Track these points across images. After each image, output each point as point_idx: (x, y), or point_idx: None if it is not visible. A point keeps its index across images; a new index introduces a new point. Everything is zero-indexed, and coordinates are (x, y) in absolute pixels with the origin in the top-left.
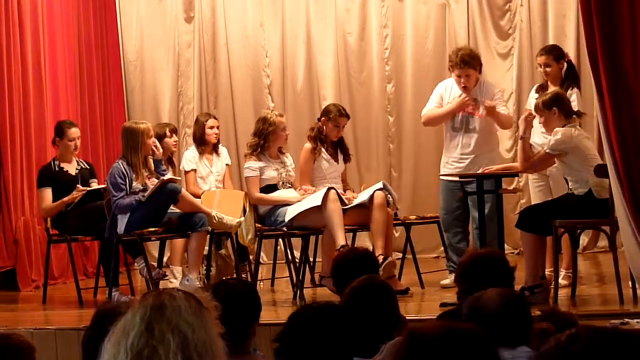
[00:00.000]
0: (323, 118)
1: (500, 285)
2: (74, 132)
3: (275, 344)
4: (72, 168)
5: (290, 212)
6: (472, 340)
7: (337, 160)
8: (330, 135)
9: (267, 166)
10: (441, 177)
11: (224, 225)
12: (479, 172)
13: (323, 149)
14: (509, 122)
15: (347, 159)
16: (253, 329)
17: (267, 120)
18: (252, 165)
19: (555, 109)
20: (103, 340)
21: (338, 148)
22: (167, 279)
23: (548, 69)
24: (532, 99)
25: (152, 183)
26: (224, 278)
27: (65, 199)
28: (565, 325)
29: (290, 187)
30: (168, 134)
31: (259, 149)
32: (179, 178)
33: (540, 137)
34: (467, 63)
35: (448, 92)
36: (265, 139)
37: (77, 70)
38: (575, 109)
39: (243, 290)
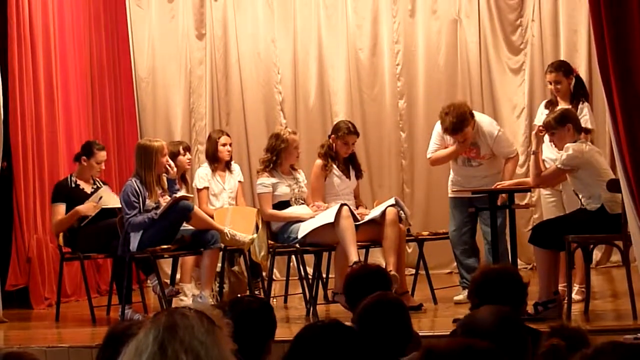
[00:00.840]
0: (333, 135)
1: (513, 301)
2: (103, 155)
3: None
4: (88, 187)
5: (303, 229)
6: (488, 357)
7: (349, 177)
8: (340, 152)
9: (279, 182)
10: (452, 194)
11: (237, 242)
12: (492, 187)
13: (334, 166)
14: (517, 159)
15: (359, 175)
16: (268, 347)
17: (280, 137)
18: (264, 182)
19: (570, 125)
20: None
21: (350, 164)
22: (179, 297)
23: (559, 86)
24: (541, 115)
25: (165, 201)
26: (239, 295)
27: (80, 207)
28: (576, 340)
29: (302, 204)
30: (181, 151)
31: (271, 165)
32: (192, 195)
33: (553, 153)
34: (458, 130)
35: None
36: (278, 156)
37: (89, 88)
38: (587, 123)
39: (259, 308)
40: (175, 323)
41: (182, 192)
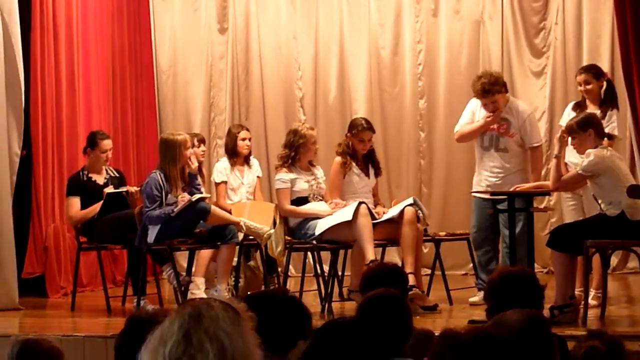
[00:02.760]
0: (349, 133)
1: (530, 304)
2: (107, 144)
3: None
4: (100, 178)
5: (320, 226)
6: (503, 346)
7: (367, 175)
8: (357, 149)
9: (298, 178)
10: (473, 194)
11: (254, 232)
12: (511, 190)
13: (354, 164)
14: (541, 151)
15: (378, 173)
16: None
17: (298, 132)
18: (283, 177)
19: (592, 130)
20: (135, 346)
21: (369, 162)
22: (190, 290)
23: (589, 87)
24: (567, 116)
25: (183, 198)
26: (264, 288)
27: (94, 206)
28: (613, 347)
29: (321, 200)
30: (196, 144)
31: (290, 161)
32: (209, 195)
33: (576, 157)
34: (489, 92)
35: (479, 108)
36: (296, 151)
37: (110, 80)
38: (615, 130)
39: (286, 301)
40: (201, 313)
41: (201, 191)
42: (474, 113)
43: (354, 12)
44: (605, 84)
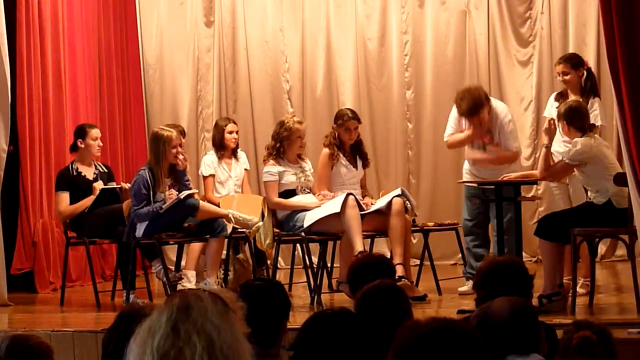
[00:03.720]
0: (335, 124)
1: (519, 293)
2: (96, 132)
3: (290, 352)
4: (90, 172)
5: (309, 218)
6: (462, 336)
7: (355, 166)
8: (344, 140)
9: (286, 171)
10: (463, 183)
11: (242, 224)
12: (498, 179)
13: (341, 155)
14: (515, 158)
15: (365, 164)
16: (284, 327)
17: (284, 125)
18: (271, 170)
19: (564, 122)
20: (124, 342)
21: (357, 154)
22: (181, 283)
23: (566, 77)
24: (550, 107)
25: (170, 195)
26: (250, 279)
27: (84, 201)
28: (601, 335)
29: (309, 193)
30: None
31: (275, 153)
32: (196, 191)
33: (561, 146)
34: (474, 113)
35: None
36: (281, 143)
37: (97, 75)
38: (597, 119)
39: (270, 290)
40: (189, 304)
41: (190, 188)
42: (459, 121)
43: (340, 3)
44: (585, 72)
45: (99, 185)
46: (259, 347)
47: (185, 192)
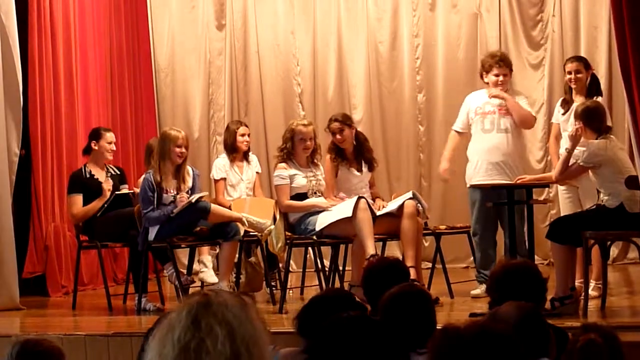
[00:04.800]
0: (327, 130)
1: (532, 296)
2: (111, 136)
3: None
4: (102, 175)
5: (320, 222)
6: (504, 342)
7: (360, 171)
8: (340, 145)
9: (297, 174)
10: (474, 185)
11: (257, 227)
12: (512, 182)
13: (343, 161)
14: (529, 119)
15: (372, 167)
16: None
17: (289, 127)
18: (282, 174)
19: (582, 123)
20: None
21: (361, 158)
22: (200, 269)
23: (579, 75)
24: (557, 113)
25: (182, 198)
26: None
27: (95, 202)
28: (609, 339)
29: (320, 196)
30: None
31: (286, 155)
32: (206, 193)
33: (567, 143)
34: (506, 61)
35: (474, 103)
36: (287, 146)
37: (109, 78)
38: None
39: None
40: (209, 299)
41: (201, 193)
42: (468, 113)
43: (351, 7)
44: (590, 77)
45: (107, 184)
46: None
47: (196, 196)
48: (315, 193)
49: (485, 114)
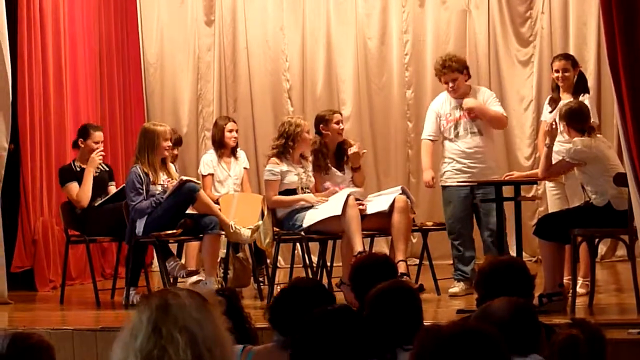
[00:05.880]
0: (321, 125)
1: (520, 293)
2: (99, 135)
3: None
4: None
5: (309, 219)
6: (485, 340)
7: (342, 171)
8: (335, 137)
9: (288, 171)
10: (455, 184)
11: (239, 237)
12: (501, 179)
13: (326, 163)
14: (501, 120)
15: (347, 160)
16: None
17: (292, 122)
18: (273, 169)
19: (564, 123)
20: None
21: (343, 156)
22: (183, 282)
23: (567, 74)
24: (545, 112)
25: (171, 182)
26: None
27: (85, 173)
28: (593, 337)
29: (309, 192)
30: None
31: (283, 150)
32: (199, 182)
33: (556, 145)
34: (450, 67)
35: (442, 109)
36: (293, 141)
37: (98, 73)
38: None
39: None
40: (167, 302)
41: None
42: (439, 120)
43: (340, 2)
44: (577, 75)
45: (96, 155)
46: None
47: (186, 178)
48: (304, 190)
49: (456, 120)
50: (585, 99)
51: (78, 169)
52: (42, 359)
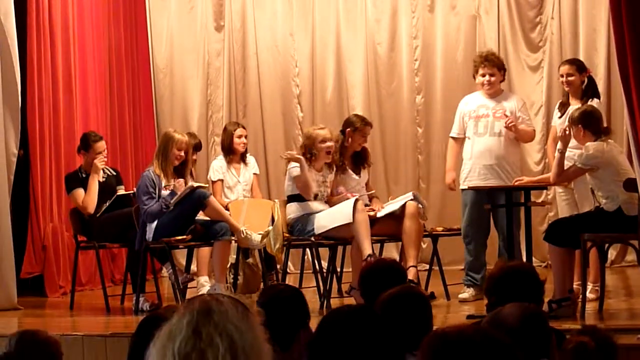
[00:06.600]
0: (348, 129)
1: (530, 299)
2: (100, 145)
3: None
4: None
5: (319, 226)
6: (498, 346)
7: (359, 174)
8: (354, 146)
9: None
10: (468, 188)
11: (250, 242)
12: (510, 184)
13: (343, 165)
14: (530, 136)
15: (365, 166)
16: (299, 336)
17: (308, 134)
18: (297, 167)
19: (580, 126)
20: (148, 347)
21: (360, 161)
22: (194, 288)
23: (570, 79)
24: (555, 117)
25: (179, 182)
26: (272, 284)
27: (90, 181)
28: (604, 344)
29: (325, 202)
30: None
31: (307, 159)
32: (207, 185)
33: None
34: (492, 61)
35: (468, 106)
36: (311, 153)
37: (107, 79)
38: None
39: (290, 296)
40: (210, 307)
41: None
42: (463, 117)
43: (350, 8)
44: (586, 79)
45: (99, 161)
46: (278, 350)
47: (197, 184)
48: (317, 196)
49: (479, 117)
50: (594, 104)
51: (84, 175)
52: (49, 353)
